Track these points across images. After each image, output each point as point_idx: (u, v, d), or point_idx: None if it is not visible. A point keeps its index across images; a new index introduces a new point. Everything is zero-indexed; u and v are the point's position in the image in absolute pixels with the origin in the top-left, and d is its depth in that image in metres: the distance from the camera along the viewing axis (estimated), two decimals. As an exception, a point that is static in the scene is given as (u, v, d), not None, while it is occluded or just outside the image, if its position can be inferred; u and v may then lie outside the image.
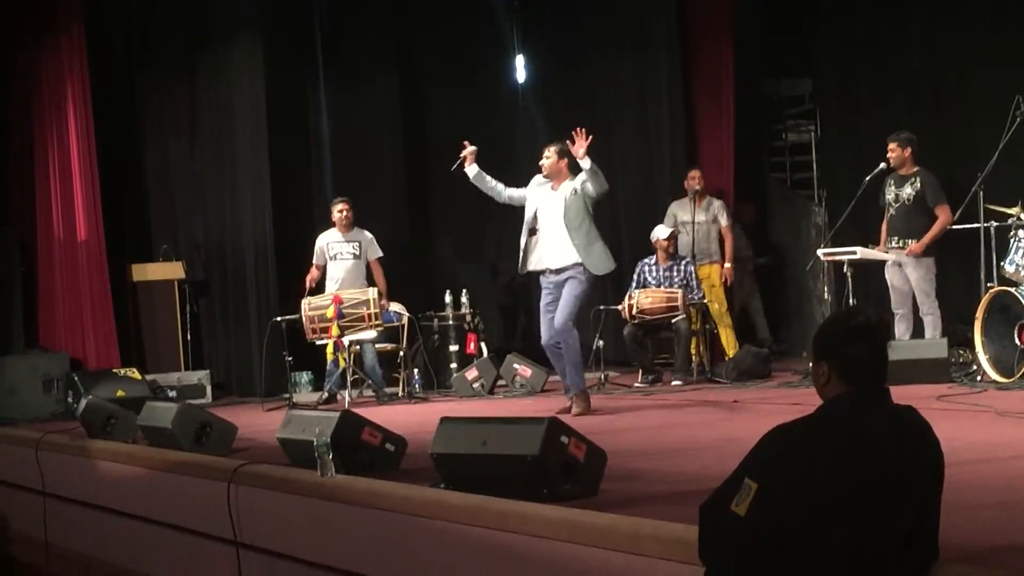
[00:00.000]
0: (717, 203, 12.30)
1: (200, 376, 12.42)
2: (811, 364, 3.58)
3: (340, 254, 11.60)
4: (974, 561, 3.56)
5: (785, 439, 3.31)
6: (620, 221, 13.65)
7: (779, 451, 3.29)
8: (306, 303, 10.91)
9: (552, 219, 9.25)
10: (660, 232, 11.62)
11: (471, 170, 9.86)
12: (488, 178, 9.87)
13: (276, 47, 13.31)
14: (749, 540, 3.21)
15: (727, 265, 12.10)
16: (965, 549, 3.68)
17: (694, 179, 12.19)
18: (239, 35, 13.12)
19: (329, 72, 14.04)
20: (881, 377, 3.42)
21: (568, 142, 9.19)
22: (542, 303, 9.43)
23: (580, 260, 9.09)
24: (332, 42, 13.99)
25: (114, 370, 11.47)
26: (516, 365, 11.44)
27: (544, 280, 9.36)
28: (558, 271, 9.20)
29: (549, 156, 9.45)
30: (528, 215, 9.44)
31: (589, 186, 9.12)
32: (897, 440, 3.29)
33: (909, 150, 10.29)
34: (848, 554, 3.15)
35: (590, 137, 9.12)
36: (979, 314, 9.02)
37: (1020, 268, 8.96)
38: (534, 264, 9.37)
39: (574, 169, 9.30)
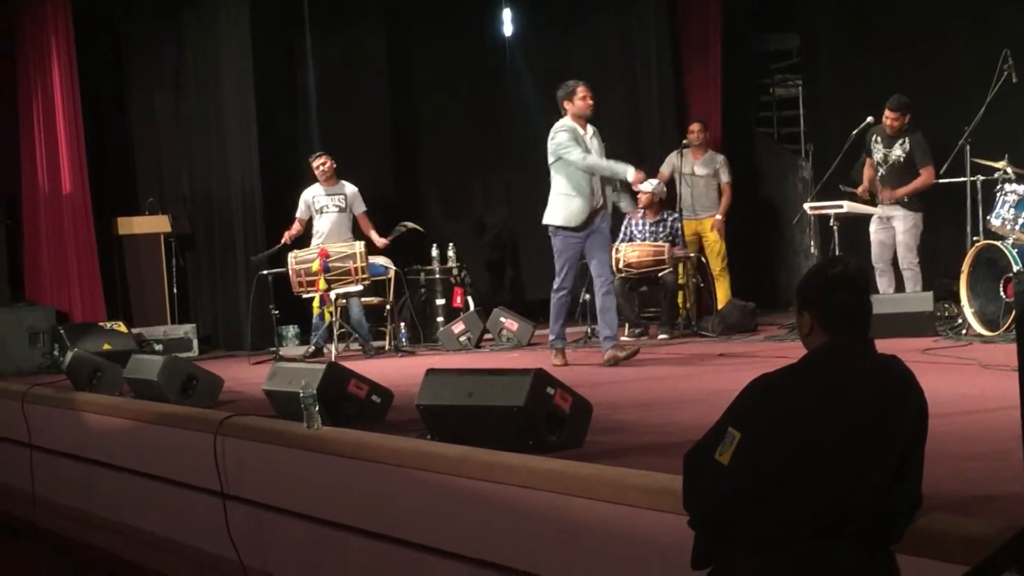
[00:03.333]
0: (720, 158, 12.27)
1: (186, 330, 12.42)
2: (796, 316, 3.58)
3: (326, 207, 11.56)
4: (958, 510, 3.58)
5: (768, 389, 3.32)
6: (606, 179, 13.60)
7: (762, 400, 3.30)
8: (292, 257, 10.90)
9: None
10: (644, 187, 11.58)
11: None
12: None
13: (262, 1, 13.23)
14: (733, 488, 3.22)
15: (718, 217, 12.07)
16: (949, 498, 3.71)
17: (693, 132, 12.16)
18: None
19: (315, 24, 13.98)
20: (864, 326, 3.43)
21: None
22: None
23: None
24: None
25: (100, 323, 11.44)
26: (503, 319, 11.45)
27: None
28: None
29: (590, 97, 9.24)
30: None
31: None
32: (880, 389, 3.30)
33: (908, 116, 10.27)
34: (831, 502, 3.16)
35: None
36: (965, 268, 9.02)
37: (1006, 222, 8.97)
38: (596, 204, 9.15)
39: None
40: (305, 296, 11.06)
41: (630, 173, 9.11)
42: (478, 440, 5.18)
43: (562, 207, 9.04)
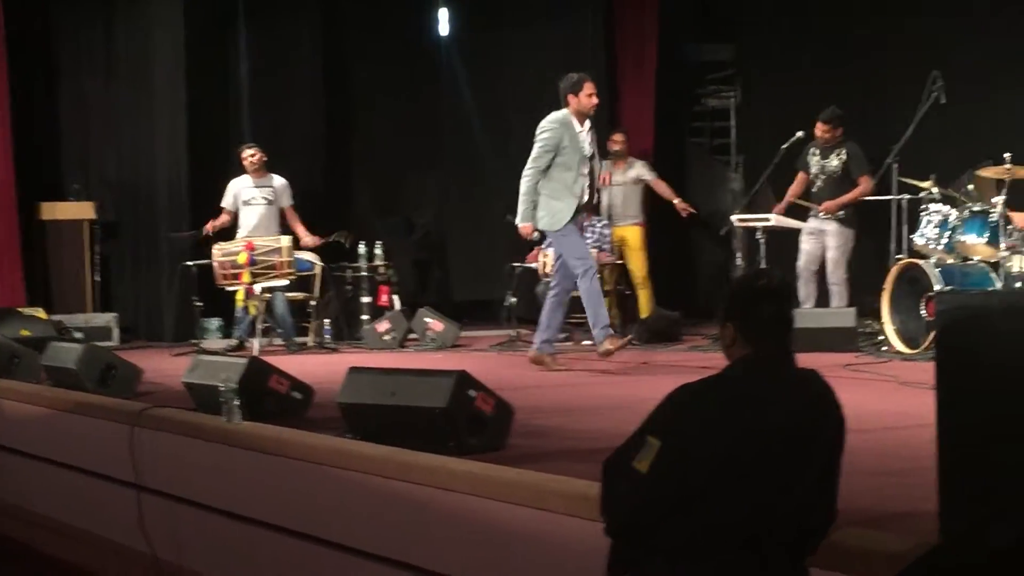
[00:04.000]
0: (639, 163, 12.31)
1: (108, 318, 12.28)
2: (719, 326, 3.59)
3: (253, 199, 11.47)
4: (872, 525, 3.60)
5: (688, 398, 3.32)
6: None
7: (682, 410, 3.31)
8: (217, 249, 10.80)
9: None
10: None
11: None
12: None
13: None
14: (650, 497, 3.22)
15: (676, 200, 12.04)
16: (864, 513, 3.74)
17: (616, 142, 12.19)
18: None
19: (251, 17, 13.86)
20: (786, 339, 3.45)
21: None
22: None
23: None
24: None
25: (19, 309, 11.28)
26: (428, 319, 11.41)
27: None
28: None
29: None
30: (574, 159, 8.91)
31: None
32: (798, 403, 3.31)
33: (841, 130, 10.39)
34: (747, 513, 3.17)
35: None
36: (887, 285, 9.11)
37: (930, 241, 9.07)
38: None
39: None
40: (229, 289, 10.97)
41: (522, 223, 8.95)
42: (399, 440, 5.15)
43: (546, 210, 8.83)
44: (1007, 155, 8.60)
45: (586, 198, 8.93)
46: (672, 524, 3.21)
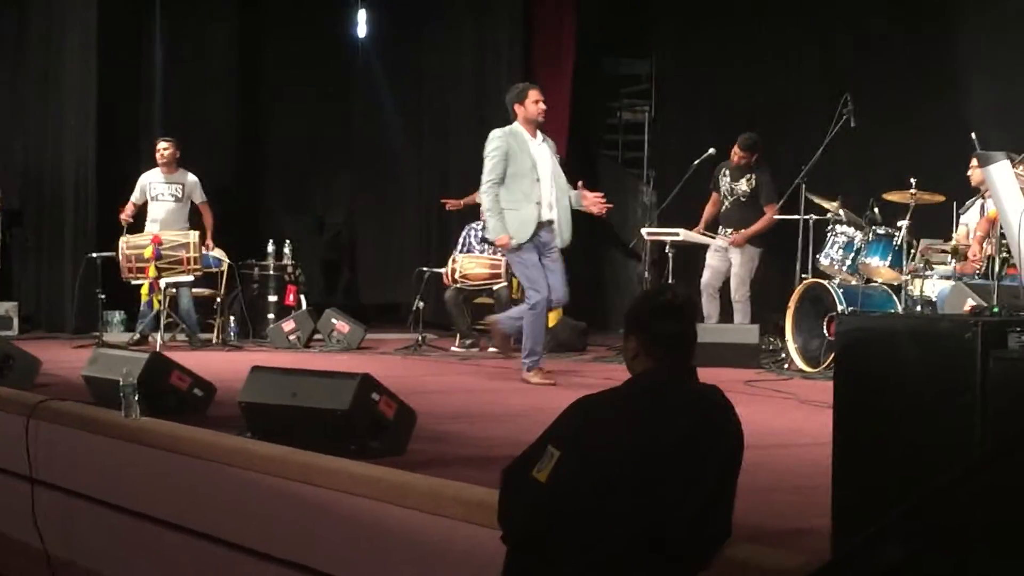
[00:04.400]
0: None
1: (8, 307, 12.08)
2: (623, 339, 3.62)
3: (161, 195, 11.34)
4: (766, 541, 3.64)
5: (589, 410, 3.35)
6: (451, 187, 13.62)
7: (582, 421, 3.33)
8: (124, 241, 10.68)
9: (545, 171, 8.51)
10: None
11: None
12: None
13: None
14: (548, 506, 3.23)
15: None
16: (759, 530, 3.77)
17: None
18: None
19: (167, 10, 13.73)
20: (687, 354, 3.48)
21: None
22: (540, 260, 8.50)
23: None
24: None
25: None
26: (334, 320, 11.34)
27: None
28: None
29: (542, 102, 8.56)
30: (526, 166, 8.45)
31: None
32: (697, 417, 3.35)
33: (757, 156, 10.51)
34: (642, 525, 3.19)
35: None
36: (791, 304, 9.21)
37: (835, 262, 9.19)
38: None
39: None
40: (134, 282, 10.85)
41: (495, 236, 8.51)
42: (300, 441, 5.12)
43: (511, 222, 8.37)
44: (913, 180, 8.73)
45: (551, 213, 8.46)
46: (568, 534, 3.23)
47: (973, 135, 6.62)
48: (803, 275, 9.57)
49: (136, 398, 5.91)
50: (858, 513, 3.22)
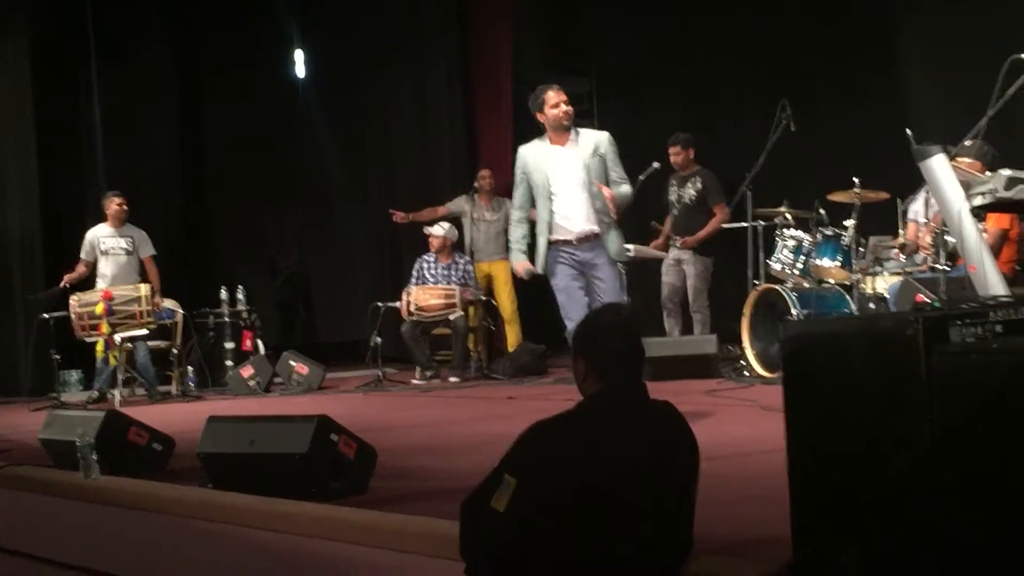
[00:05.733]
0: (507, 201, 12.32)
1: (-39, 375, 11.99)
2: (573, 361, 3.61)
3: (112, 249, 11.29)
4: (730, 552, 3.64)
5: (542, 435, 3.34)
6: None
7: (536, 447, 3.32)
8: (75, 300, 10.62)
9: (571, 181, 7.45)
10: (434, 230, 11.61)
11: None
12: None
13: (43, 33, 12.90)
14: (508, 536, 3.22)
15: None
16: (724, 541, 3.77)
17: (484, 178, 12.16)
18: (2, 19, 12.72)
19: (102, 59, 13.66)
20: (636, 372, 3.48)
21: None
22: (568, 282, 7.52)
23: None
24: (104, 30, 13.60)
25: None
26: (292, 362, 11.31)
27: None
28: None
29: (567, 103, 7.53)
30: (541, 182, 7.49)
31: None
32: (651, 434, 3.35)
33: (692, 151, 10.58)
34: (604, 547, 3.19)
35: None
36: (746, 311, 9.24)
37: (786, 266, 9.24)
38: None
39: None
40: (88, 340, 10.77)
41: (513, 261, 7.87)
42: (261, 488, 5.10)
43: (539, 248, 7.55)
44: (856, 179, 8.78)
45: (569, 224, 7.42)
46: (530, 561, 3.22)
47: (908, 131, 6.66)
48: (755, 281, 9.60)
49: (95, 457, 5.87)
50: (815, 517, 3.22)
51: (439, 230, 11.56)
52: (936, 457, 2.37)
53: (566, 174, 7.42)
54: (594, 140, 7.47)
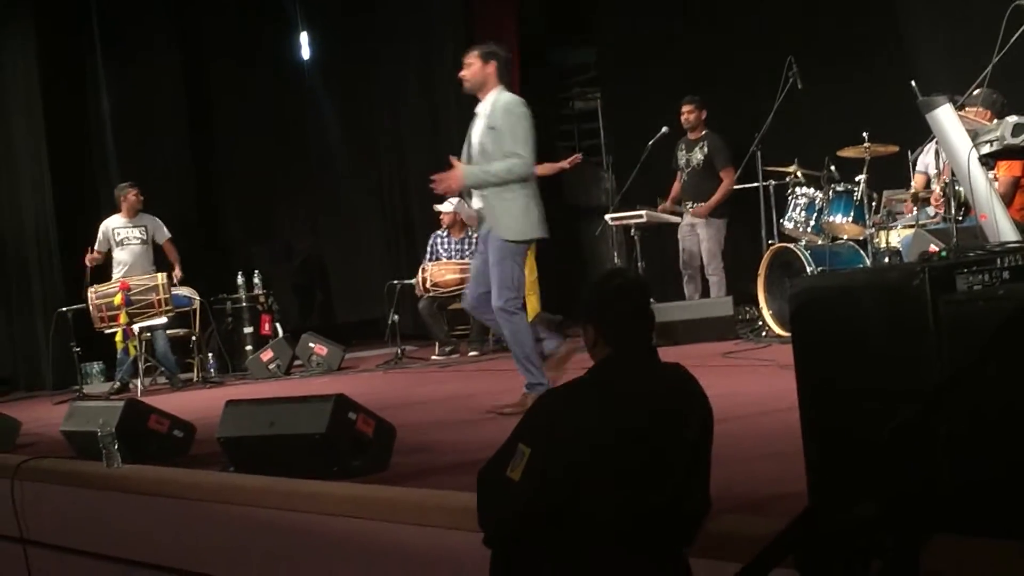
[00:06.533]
0: None
1: (-17, 372, 12.07)
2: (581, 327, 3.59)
3: (127, 239, 11.33)
4: (749, 509, 3.65)
5: (555, 403, 3.35)
6: (411, 198, 13.63)
7: (549, 415, 3.33)
8: (92, 292, 10.66)
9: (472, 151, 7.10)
10: (443, 207, 11.58)
11: None
12: None
13: (48, 25, 12.92)
14: (524, 504, 3.23)
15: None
16: (741, 499, 3.79)
17: None
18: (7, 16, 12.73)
19: (107, 50, 13.70)
20: (646, 335, 3.47)
21: None
22: None
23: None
24: (109, 19, 13.63)
25: None
26: (312, 344, 11.33)
27: None
28: None
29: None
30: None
31: None
32: (665, 397, 3.35)
33: (704, 112, 10.57)
34: (625, 509, 3.19)
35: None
36: (761, 271, 9.24)
37: (798, 224, 9.22)
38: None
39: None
40: (107, 331, 10.82)
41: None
42: (282, 469, 5.12)
43: None
44: (865, 134, 8.75)
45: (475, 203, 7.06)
46: (548, 528, 3.23)
47: (913, 83, 6.63)
48: (769, 241, 9.59)
49: (116, 447, 5.90)
50: (830, 471, 3.23)
51: (448, 206, 11.52)
52: (938, 404, 2.37)
53: (470, 141, 7.11)
54: (491, 109, 7.01)
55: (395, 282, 11.42)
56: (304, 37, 14.76)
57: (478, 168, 6.91)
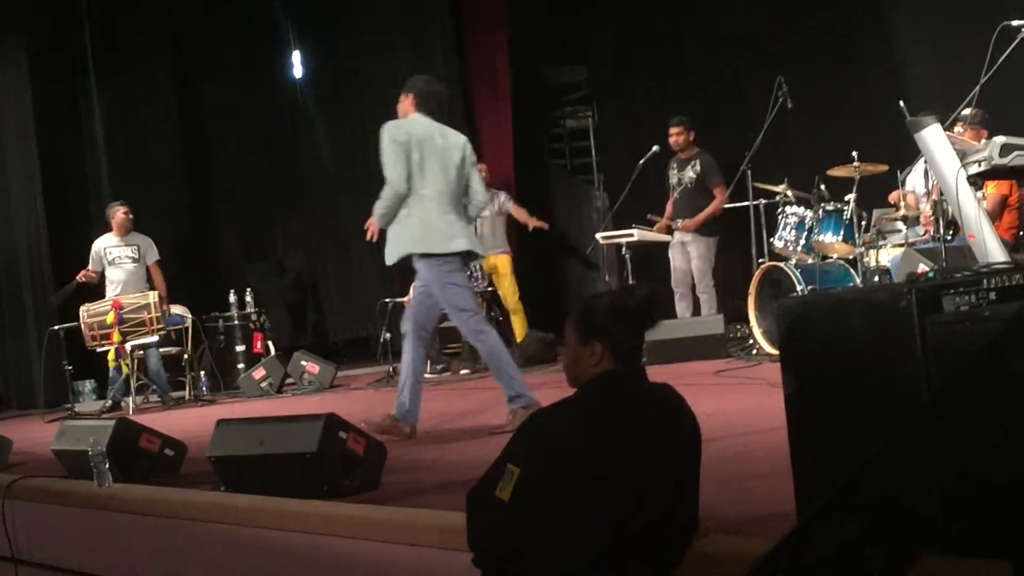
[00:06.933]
0: (502, 195, 12.33)
1: (-24, 391, 12.06)
2: (575, 346, 3.54)
3: (119, 258, 11.33)
4: (738, 530, 3.65)
5: (544, 423, 3.36)
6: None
7: (538, 435, 3.33)
8: (84, 310, 10.65)
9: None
10: None
11: None
12: None
13: (41, 41, 12.93)
14: (513, 524, 3.24)
15: (531, 223, 12.00)
16: (730, 519, 3.78)
17: (481, 172, 12.14)
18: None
19: (100, 67, 13.69)
20: (639, 355, 3.48)
21: None
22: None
23: None
24: (102, 39, 13.64)
25: None
26: (304, 362, 11.34)
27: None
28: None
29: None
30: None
31: None
32: (652, 417, 3.35)
33: (692, 133, 10.61)
34: (614, 529, 3.20)
35: None
36: (752, 289, 9.27)
37: (788, 243, 9.26)
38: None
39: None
40: (100, 350, 10.82)
41: None
42: (273, 488, 5.12)
43: None
44: (855, 153, 8.79)
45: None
46: (537, 548, 3.24)
47: (901, 104, 6.67)
48: (760, 259, 9.62)
49: (107, 466, 5.90)
50: (818, 491, 3.24)
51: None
52: (922, 422, 2.39)
53: None
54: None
55: (387, 300, 11.43)
56: (297, 56, 14.78)
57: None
